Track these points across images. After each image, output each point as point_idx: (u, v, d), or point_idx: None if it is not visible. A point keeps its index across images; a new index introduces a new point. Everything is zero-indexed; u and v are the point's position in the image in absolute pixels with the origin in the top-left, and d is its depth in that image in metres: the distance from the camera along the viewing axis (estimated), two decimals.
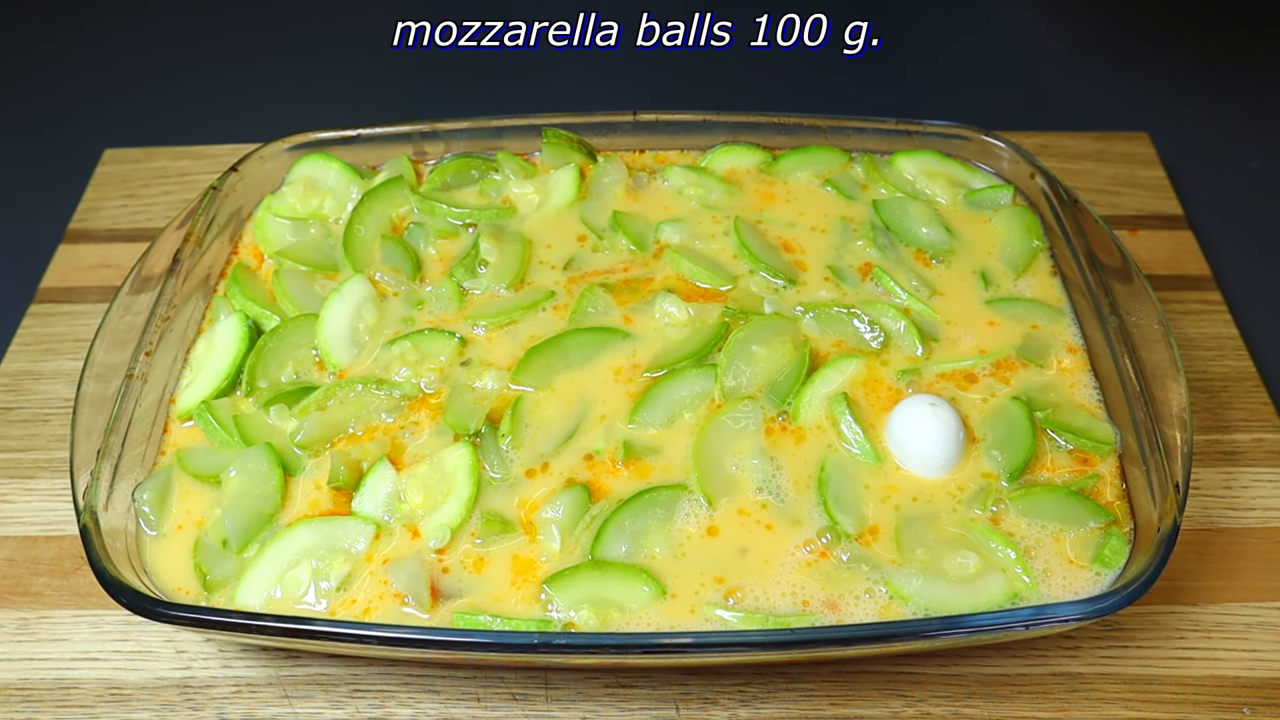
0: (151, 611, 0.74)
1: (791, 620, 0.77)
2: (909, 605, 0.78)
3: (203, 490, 0.85)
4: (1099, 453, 0.86)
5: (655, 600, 0.78)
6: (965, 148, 1.08)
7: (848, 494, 0.84)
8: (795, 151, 1.09)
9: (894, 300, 0.97)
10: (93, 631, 0.88)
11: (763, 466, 0.85)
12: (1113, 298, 0.92)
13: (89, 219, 1.21)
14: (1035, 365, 0.92)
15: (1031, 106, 1.39)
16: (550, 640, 0.73)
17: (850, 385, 0.91)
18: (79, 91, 1.43)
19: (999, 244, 1.02)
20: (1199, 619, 0.89)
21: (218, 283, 1.00)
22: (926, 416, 0.85)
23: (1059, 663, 0.86)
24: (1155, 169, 1.25)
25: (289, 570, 0.80)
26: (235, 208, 1.04)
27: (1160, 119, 1.33)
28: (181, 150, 1.28)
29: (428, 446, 0.87)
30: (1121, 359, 0.88)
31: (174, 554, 0.82)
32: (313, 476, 0.86)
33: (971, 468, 0.85)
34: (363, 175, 1.07)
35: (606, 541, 0.81)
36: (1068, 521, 0.82)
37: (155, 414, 0.89)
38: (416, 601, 0.78)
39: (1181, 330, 1.08)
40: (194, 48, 1.49)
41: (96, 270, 1.16)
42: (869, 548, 0.81)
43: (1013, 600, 0.78)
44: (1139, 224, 1.19)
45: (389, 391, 0.90)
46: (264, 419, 0.88)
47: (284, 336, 0.93)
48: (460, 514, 0.82)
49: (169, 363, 0.92)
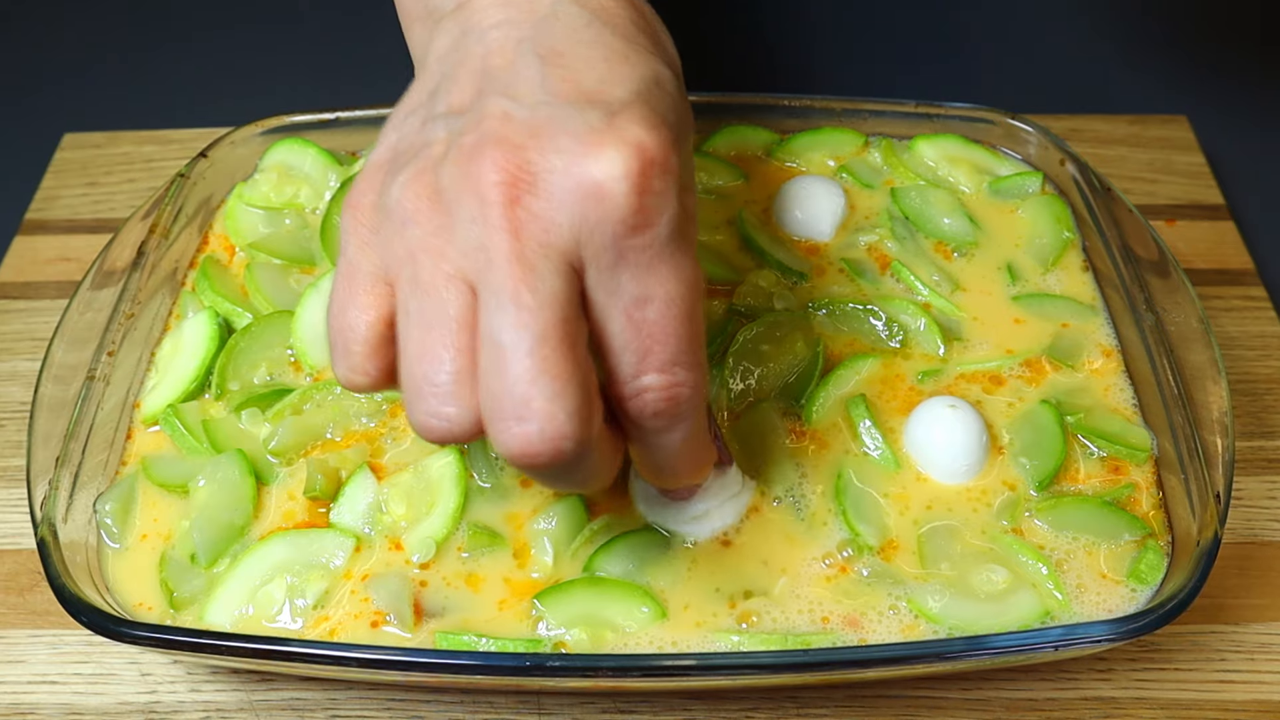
0: (114, 631, 0.74)
1: (807, 640, 0.76)
2: (933, 624, 0.78)
3: (169, 501, 0.85)
4: (1134, 460, 0.86)
5: (655, 621, 0.78)
6: (990, 132, 1.08)
7: (868, 503, 0.84)
8: (807, 133, 1.09)
9: (914, 296, 0.96)
10: (51, 653, 0.88)
11: (785, 473, 0.85)
12: (1149, 293, 0.92)
13: (47, 208, 1.21)
14: (1065, 366, 0.92)
15: (1061, 87, 1.39)
16: (543, 661, 0.73)
17: (866, 386, 0.90)
18: (35, 70, 1.43)
19: (1026, 236, 1.02)
20: (1241, 639, 0.88)
21: (185, 277, 1.00)
22: (947, 419, 0.85)
23: (1090, 686, 0.86)
24: (1194, 154, 1.24)
25: (262, 587, 0.80)
26: (204, 196, 1.04)
27: (1200, 101, 1.33)
28: (147, 134, 1.28)
29: (411, 453, 0.87)
30: (1158, 359, 0.88)
31: (138, 569, 0.82)
32: (287, 486, 0.86)
33: (997, 476, 0.85)
34: (342, 162, 1.07)
35: (605, 560, 0.81)
36: (1100, 534, 0.82)
37: (118, 419, 0.89)
38: (399, 620, 0.78)
39: (1223, 328, 1.08)
40: (161, 23, 1.49)
41: (55, 264, 1.16)
42: (890, 562, 0.81)
43: (1044, 618, 0.78)
44: (1177, 214, 1.19)
45: (369, 395, 0.89)
46: (235, 424, 0.88)
47: (257, 335, 0.93)
48: (446, 526, 0.82)
49: (133, 363, 0.92)
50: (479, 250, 0.58)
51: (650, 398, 0.63)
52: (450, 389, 0.60)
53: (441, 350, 0.60)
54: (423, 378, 0.60)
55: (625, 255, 0.59)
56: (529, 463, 0.59)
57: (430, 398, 0.60)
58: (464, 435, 0.61)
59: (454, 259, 0.60)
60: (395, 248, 0.62)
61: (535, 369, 0.57)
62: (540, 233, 0.58)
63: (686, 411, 0.64)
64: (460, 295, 0.60)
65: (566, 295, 0.58)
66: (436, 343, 0.60)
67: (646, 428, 0.65)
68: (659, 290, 0.60)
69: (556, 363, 0.57)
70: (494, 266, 0.58)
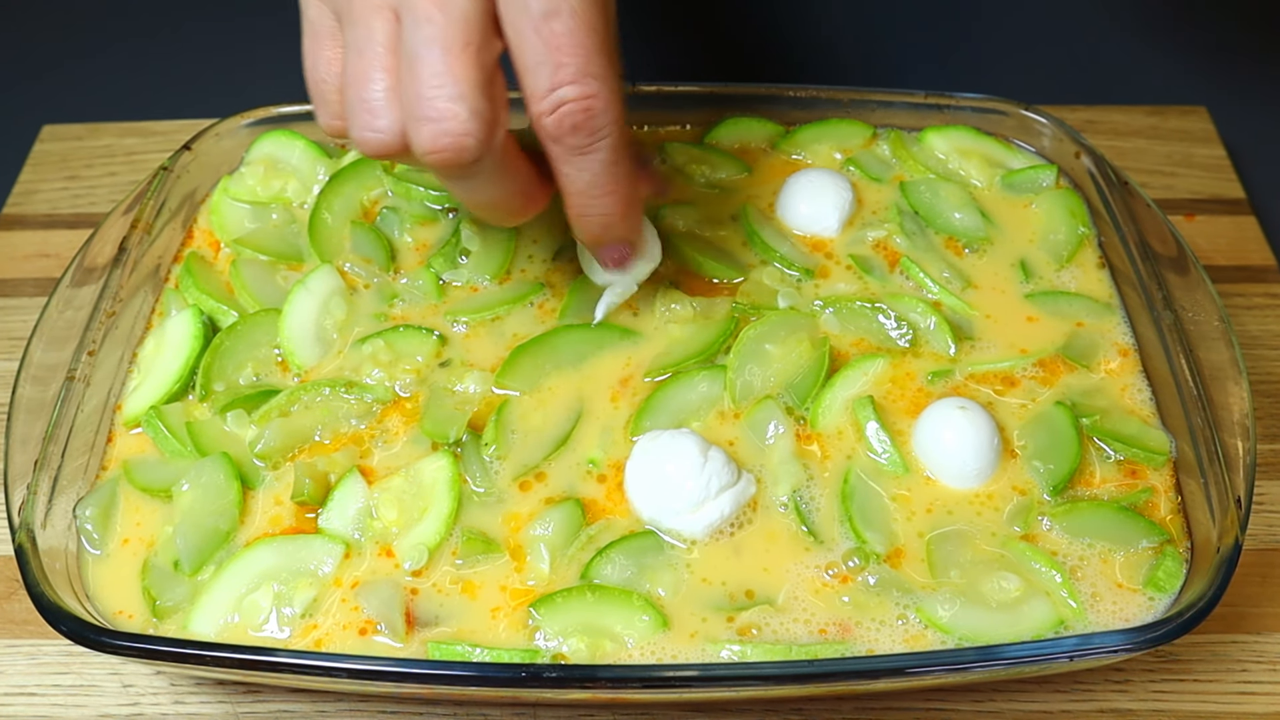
0: (95, 641, 0.74)
1: (812, 651, 0.76)
2: (943, 634, 0.78)
3: (152, 506, 0.85)
4: (1152, 463, 0.86)
5: (656, 631, 0.78)
6: (1003, 123, 1.08)
7: (874, 509, 0.83)
8: (813, 125, 1.09)
9: (923, 294, 0.96)
10: (29, 663, 0.88)
11: (790, 477, 0.85)
12: (1167, 291, 0.92)
13: (25, 203, 1.21)
14: (1081, 366, 0.92)
15: (1076, 77, 1.39)
16: (540, 672, 0.73)
17: (874, 387, 0.90)
18: (12, 59, 1.43)
19: (1040, 231, 1.02)
20: (1263, 649, 0.89)
21: (169, 274, 1.00)
22: (957, 420, 0.85)
23: (1107, 698, 0.86)
24: (1214, 147, 1.25)
25: (248, 595, 0.80)
26: (188, 190, 1.04)
27: (1220, 91, 1.33)
28: (128, 126, 1.28)
29: (403, 457, 0.87)
30: (1177, 359, 0.88)
31: (120, 577, 0.82)
32: (274, 490, 0.86)
33: (1009, 480, 0.85)
34: (331, 154, 1.07)
35: (603, 566, 0.81)
36: (1117, 540, 0.82)
37: (99, 421, 0.89)
38: (390, 629, 0.78)
39: (1244, 327, 1.08)
40: (144, 10, 1.48)
41: (33, 260, 1.16)
42: (898, 569, 0.81)
43: (1058, 628, 0.78)
44: (1196, 208, 1.19)
45: (359, 395, 0.90)
46: (220, 426, 0.88)
47: (242, 334, 0.93)
48: (439, 532, 0.82)
49: (114, 363, 0.92)
50: None
51: (565, 110, 0.72)
52: (381, 103, 0.72)
53: (372, 71, 0.72)
54: (357, 98, 0.72)
55: None
56: (437, 159, 0.71)
57: (364, 113, 0.72)
58: (395, 145, 0.72)
59: None
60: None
61: (442, 74, 0.69)
62: None
63: (603, 126, 0.73)
64: (386, 22, 0.71)
65: (474, 8, 0.70)
66: (368, 65, 0.72)
67: (566, 146, 0.74)
68: (564, 4, 0.69)
69: (461, 69, 0.69)
70: None
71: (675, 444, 0.83)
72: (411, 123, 0.71)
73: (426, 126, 0.70)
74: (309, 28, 0.78)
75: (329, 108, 0.78)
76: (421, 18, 0.69)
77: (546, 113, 0.73)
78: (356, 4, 0.72)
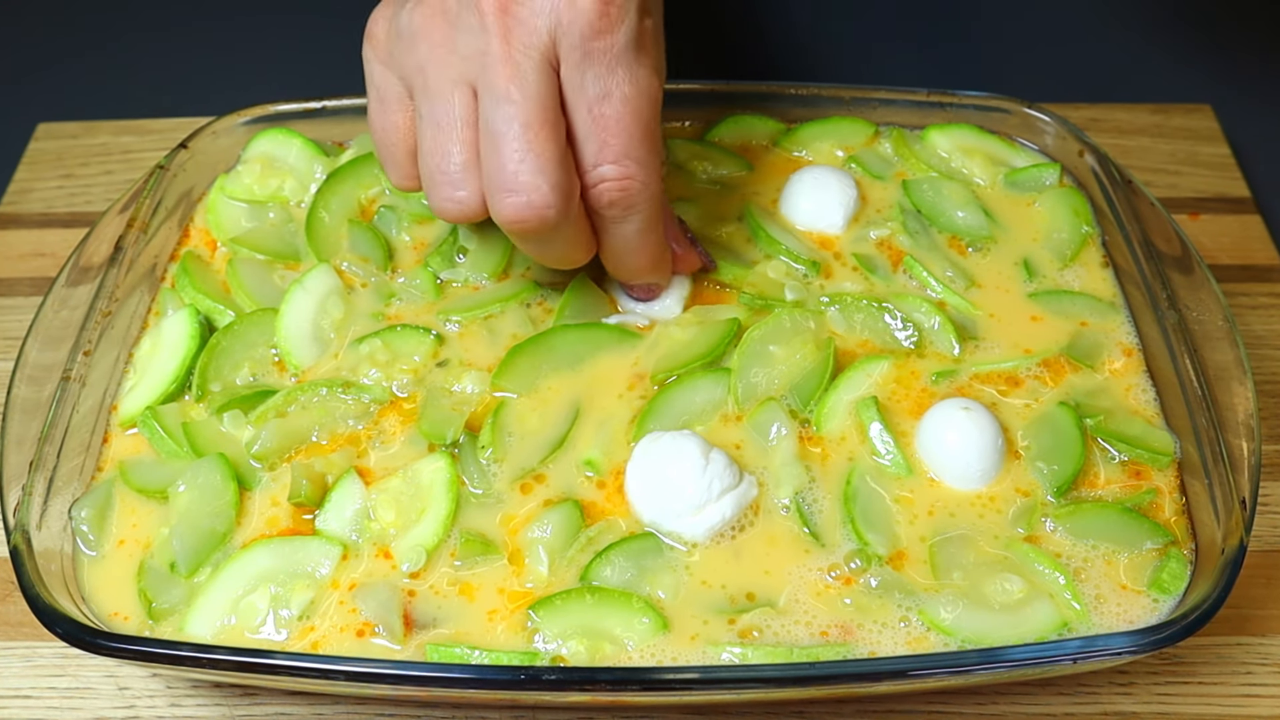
0: (90, 643, 0.74)
1: (813, 654, 0.76)
2: (946, 636, 0.78)
3: (148, 507, 0.85)
4: (1156, 464, 0.86)
5: (656, 633, 0.78)
6: (1006, 121, 1.08)
7: (877, 510, 0.83)
8: (815, 122, 1.09)
9: (927, 293, 0.97)
10: (25, 665, 0.88)
11: (792, 478, 0.85)
12: (1171, 290, 0.92)
13: (20, 201, 1.21)
14: (1084, 366, 0.92)
15: (1080, 75, 1.39)
16: (539, 675, 0.73)
17: (878, 388, 0.90)
18: (8, 57, 1.43)
19: (1044, 230, 1.02)
20: (1268, 651, 0.89)
21: (165, 273, 1.00)
22: (961, 421, 0.85)
23: (1110, 700, 0.86)
24: (1219, 145, 1.25)
25: (245, 597, 0.80)
26: (185, 189, 1.04)
27: (1225, 89, 1.33)
28: (124, 124, 1.28)
29: (400, 458, 0.87)
30: (1181, 359, 0.88)
31: (116, 578, 0.82)
32: (271, 491, 0.86)
33: (1013, 481, 0.85)
34: (328, 153, 1.07)
35: (603, 568, 0.81)
36: (1121, 542, 0.82)
37: (95, 421, 0.89)
38: (388, 631, 0.78)
39: (1249, 327, 1.08)
40: (141, 7, 1.48)
41: (29, 259, 1.16)
42: (901, 571, 0.81)
43: (1062, 630, 0.78)
44: (1201, 207, 1.19)
45: (357, 396, 0.90)
46: (217, 427, 0.88)
47: (239, 334, 0.93)
48: (437, 534, 0.82)
49: (110, 363, 0.92)
50: (478, 55, 0.76)
51: (605, 187, 0.80)
52: (460, 175, 0.79)
53: (450, 145, 0.78)
54: (437, 169, 0.79)
55: (590, 55, 0.76)
56: (520, 228, 0.78)
57: (445, 185, 0.79)
58: (474, 213, 0.80)
59: (457, 65, 0.77)
60: (408, 63, 0.80)
61: (523, 150, 0.75)
62: (525, 35, 0.75)
63: (638, 203, 0.81)
64: (463, 97, 0.78)
65: (547, 89, 0.76)
66: (446, 139, 0.78)
67: (605, 216, 0.83)
68: (616, 90, 0.77)
69: (540, 145, 0.75)
70: (488, 69, 0.76)
71: (677, 446, 0.83)
72: (495, 194, 0.77)
73: (511, 198, 0.76)
74: (375, 94, 0.85)
75: (400, 169, 0.86)
76: (501, 97, 0.75)
77: (590, 186, 0.80)
78: (432, 79, 0.78)
